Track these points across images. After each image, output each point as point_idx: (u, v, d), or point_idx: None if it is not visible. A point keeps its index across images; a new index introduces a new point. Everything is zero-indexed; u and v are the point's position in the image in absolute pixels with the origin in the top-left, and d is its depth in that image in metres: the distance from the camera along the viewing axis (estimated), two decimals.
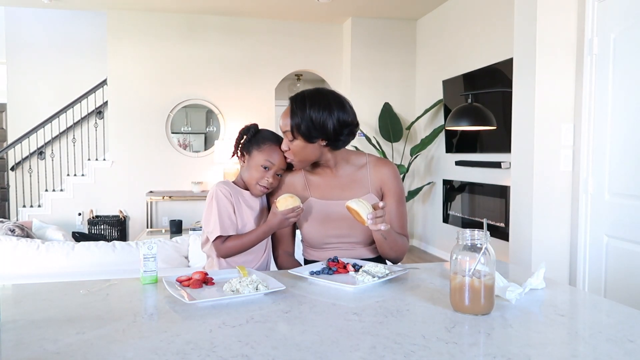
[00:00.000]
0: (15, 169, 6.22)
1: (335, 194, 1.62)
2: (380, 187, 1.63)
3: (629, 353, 0.88)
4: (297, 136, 1.51)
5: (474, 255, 1.08)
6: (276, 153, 1.60)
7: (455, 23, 5.21)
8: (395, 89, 6.07)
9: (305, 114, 1.49)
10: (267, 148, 1.60)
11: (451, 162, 5.26)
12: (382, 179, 1.62)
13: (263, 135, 1.64)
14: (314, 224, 1.61)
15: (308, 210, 1.62)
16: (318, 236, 1.61)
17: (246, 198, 1.64)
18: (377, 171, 1.63)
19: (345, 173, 1.63)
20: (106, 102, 6.08)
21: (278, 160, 1.60)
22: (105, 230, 5.52)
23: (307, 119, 1.49)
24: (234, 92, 6.17)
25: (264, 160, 1.59)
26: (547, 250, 2.58)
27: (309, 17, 6.08)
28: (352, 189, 1.62)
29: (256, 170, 1.60)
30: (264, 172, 1.60)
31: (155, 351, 0.88)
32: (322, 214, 1.61)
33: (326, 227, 1.60)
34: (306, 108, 1.50)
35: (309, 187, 1.64)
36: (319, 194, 1.63)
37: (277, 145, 1.60)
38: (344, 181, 1.63)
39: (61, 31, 6.43)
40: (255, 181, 1.61)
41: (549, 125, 2.56)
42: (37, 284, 1.33)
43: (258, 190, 1.62)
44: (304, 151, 1.54)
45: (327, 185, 1.63)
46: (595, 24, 2.46)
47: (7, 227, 2.64)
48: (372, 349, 0.89)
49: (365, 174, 1.63)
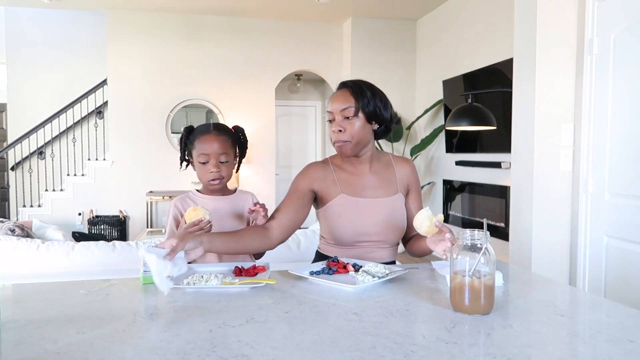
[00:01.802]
0: (15, 169, 6.22)
1: (366, 192, 1.60)
2: (407, 185, 1.68)
3: (629, 353, 0.88)
4: (361, 115, 1.54)
5: (474, 255, 1.08)
6: (206, 142, 1.56)
7: (455, 23, 5.21)
8: (395, 89, 6.07)
9: (373, 95, 1.55)
10: (197, 142, 1.56)
11: (451, 162, 5.26)
12: (408, 176, 1.68)
13: (194, 133, 1.59)
14: (347, 219, 1.57)
15: (340, 205, 1.58)
16: (351, 233, 1.57)
17: (212, 202, 1.60)
18: (402, 169, 1.68)
19: (376, 169, 1.65)
20: (106, 102, 6.08)
21: (211, 148, 1.55)
22: (105, 230, 5.52)
23: (373, 101, 1.55)
24: (234, 92, 6.17)
25: (198, 155, 1.56)
26: (547, 250, 2.58)
27: (309, 17, 6.08)
28: (382, 187, 1.62)
29: (199, 168, 1.57)
30: (205, 167, 1.56)
31: (155, 351, 0.88)
32: (355, 210, 1.58)
33: (359, 225, 1.57)
34: (371, 92, 1.56)
35: (339, 183, 1.61)
36: (351, 190, 1.60)
37: (206, 134, 1.56)
38: (374, 179, 1.63)
39: (61, 31, 6.43)
40: (204, 179, 1.58)
41: (549, 125, 2.56)
42: (37, 284, 1.33)
43: (210, 185, 1.59)
44: (362, 131, 1.55)
45: (358, 183, 1.61)
46: (595, 24, 2.46)
47: (7, 227, 2.64)
48: (372, 349, 0.89)
49: (392, 172, 1.66)
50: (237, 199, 1.65)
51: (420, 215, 1.38)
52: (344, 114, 1.53)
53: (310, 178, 1.60)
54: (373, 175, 1.63)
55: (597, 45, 2.45)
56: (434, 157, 5.66)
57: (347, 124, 1.53)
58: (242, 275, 1.38)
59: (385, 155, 1.71)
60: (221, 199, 1.62)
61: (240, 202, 1.65)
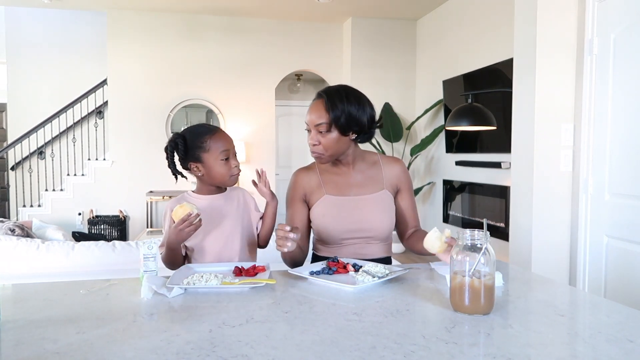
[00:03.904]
0: (15, 169, 6.22)
1: (351, 191, 1.64)
2: (396, 184, 1.69)
3: (629, 353, 0.88)
4: (334, 129, 1.55)
5: (474, 255, 1.08)
6: (222, 138, 1.56)
7: (455, 23, 5.21)
8: (395, 89, 6.07)
9: (344, 107, 1.54)
10: (211, 141, 1.55)
11: (451, 162, 5.26)
12: (397, 175, 1.69)
13: (194, 136, 1.57)
14: (329, 220, 1.61)
15: (324, 206, 1.63)
16: (335, 232, 1.61)
17: (208, 201, 1.60)
18: (390, 168, 1.69)
19: (360, 169, 1.67)
20: (106, 102, 6.07)
21: (228, 143, 1.57)
22: (105, 230, 5.52)
23: (346, 112, 1.54)
24: (234, 92, 6.17)
25: (220, 153, 1.54)
26: (547, 250, 2.58)
27: (309, 17, 6.08)
28: (366, 185, 1.65)
29: (220, 166, 1.55)
30: (227, 163, 1.55)
31: (155, 351, 0.88)
32: (339, 209, 1.61)
33: (342, 223, 1.61)
34: (345, 102, 1.55)
35: (324, 185, 1.66)
36: (335, 190, 1.65)
37: (216, 133, 1.56)
38: (359, 178, 1.66)
39: (61, 31, 6.43)
40: (227, 175, 1.56)
41: (549, 125, 2.56)
42: (37, 284, 1.34)
43: (233, 180, 1.59)
44: (337, 144, 1.57)
45: (343, 182, 1.66)
46: (595, 24, 2.46)
47: (7, 227, 2.64)
48: (372, 349, 0.89)
49: (378, 171, 1.69)
50: (231, 196, 1.65)
51: (430, 238, 1.39)
52: (318, 129, 1.57)
53: (298, 186, 1.68)
54: (358, 174, 1.67)
55: (597, 46, 2.45)
56: (434, 157, 5.66)
57: (321, 138, 1.57)
58: (242, 275, 1.39)
59: (373, 155, 1.73)
60: (217, 197, 1.62)
61: (234, 198, 1.65)
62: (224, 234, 1.58)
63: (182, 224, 1.42)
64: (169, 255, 1.51)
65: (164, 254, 1.52)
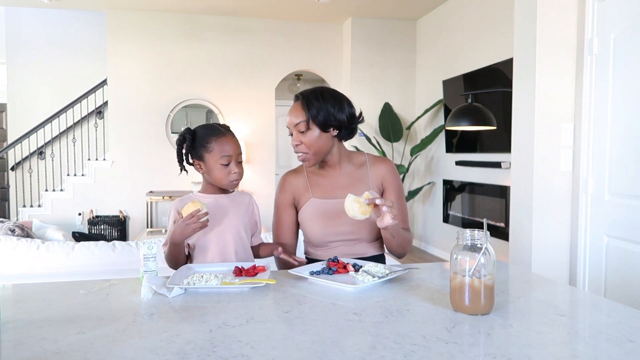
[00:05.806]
0: (15, 169, 6.22)
1: (337, 193, 1.65)
2: (381, 184, 1.68)
3: (629, 353, 0.88)
4: (313, 126, 1.57)
5: (474, 255, 1.08)
6: (226, 143, 1.56)
7: (455, 23, 5.21)
8: (395, 89, 6.07)
9: (320, 104, 1.57)
10: (215, 144, 1.55)
11: (451, 162, 5.26)
12: (382, 175, 1.68)
13: (202, 135, 1.58)
14: (316, 222, 1.63)
15: (310, 209, 1.64)
16: (321, 235, 1.63)
17: (214, 201, 1.60)
18: (376, 168, 1.69)
19: (347, 171, 1.68)
20: (106, 102, 6.08)
21: (231, 148, 1.56)
22: (105, 230, 5.52)
23: (323, 109, 1.57)
24: (234, 92, 6.17)
25: (220, 157, 1.54)
26: (547, 250, 2.58)
27: (309, 17, 6.08)
28: (353, 186, 1.65)
29: (218, 170, 1.55)
30: (226, 168, 1.55)
31: (155, 351, 0.88)
32: (325, 212, 1.63)
33: (329, 225, 1.62)
34: (320, 99, 1.58)
35: (311, 188, 1.67)
36: (321, 193, 1.66)
37: (223, 136, 1.56)
38: (346, 179, 1.67)
39: (61, 31, 6.43)
40: (225, 180, 1.57)
41: (549, 125, 2.56)
42: (37, 284, 1.33)
43: (232, 185, 1.60)
44: (319, 141, 1.59)
45: (330, 185, 1.67)
46: (595, 24, 2.46)
47: (7, 227, 2.64)
48: (372, 349, 0.89)
49: (365, 172, 1.68)
50: (237, 198, 1.66)
51: (348, 206, 1.38)
52: (298, 128, 1.60)
53: (286, 190, 1.70)
54: (344, 177, 1.67)
55: (597, 45, 2.45)
56: (434, 157, 5.66)
57: (302, 137, 1.59)
58: (242, 275, 1.39)
59: (361, 156, 1.73)
60: (222, 197, 1.63)
61: (240, 201, 1.66)
62: (226, 232, 1.58)
63: (189, 219, 1.43)
64: (172, 251, 1.52)
65: (167, 250, 1.52)
